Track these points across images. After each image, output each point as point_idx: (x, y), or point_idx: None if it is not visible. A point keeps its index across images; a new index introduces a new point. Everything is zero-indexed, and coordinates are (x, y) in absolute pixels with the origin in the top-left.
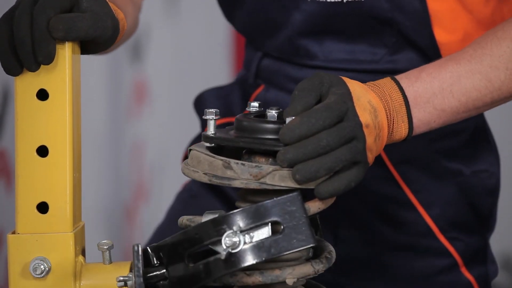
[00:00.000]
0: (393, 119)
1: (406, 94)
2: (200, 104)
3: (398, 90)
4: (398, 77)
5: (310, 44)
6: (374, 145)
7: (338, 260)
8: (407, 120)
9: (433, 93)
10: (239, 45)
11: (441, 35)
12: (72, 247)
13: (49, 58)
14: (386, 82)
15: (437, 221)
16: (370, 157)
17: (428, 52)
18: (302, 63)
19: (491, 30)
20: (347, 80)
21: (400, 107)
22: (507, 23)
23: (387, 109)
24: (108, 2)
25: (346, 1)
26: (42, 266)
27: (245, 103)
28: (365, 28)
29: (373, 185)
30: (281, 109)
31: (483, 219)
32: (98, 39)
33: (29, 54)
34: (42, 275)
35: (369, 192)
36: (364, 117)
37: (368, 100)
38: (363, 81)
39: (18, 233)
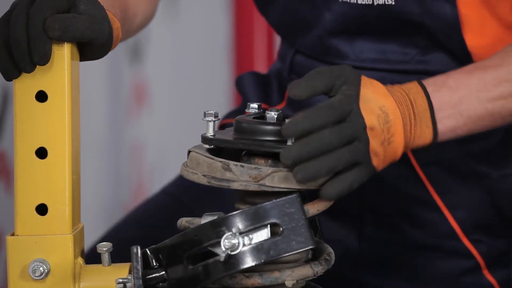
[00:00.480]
0: (416, 123)
1: (432, 99)
2: (241, 85)
3: (423, 95)
4: (425, 82)
5: (341, 44)
6: (381, 149)
7: (361, 257)
8: (431, 125)
9: (459, 99)
10: (239, 46)
11: (471, 39)
12: (71, 249)
13: (44, 58)
14: (412, 87)
15: (461, 223)
16: (376, 161)
17: (458, 54)
18: (333, 62)
19: None
20: (367, 83)
21: (424, 112)
22: None
23: (407, 114)
24: (106, 10)
25: (377, 4)
26: (41, 268)
27: (282, 95)
28: (395, 29)
29: (399, 185)
30: (280, 111)
31: (509, 222)
32: (95, 41)
33: (24, 54)
34: (41, 277)
35: (395, 192)
36: (370, 120)
37: (380, 105)
38: (394, 81)
39: (17, 235)
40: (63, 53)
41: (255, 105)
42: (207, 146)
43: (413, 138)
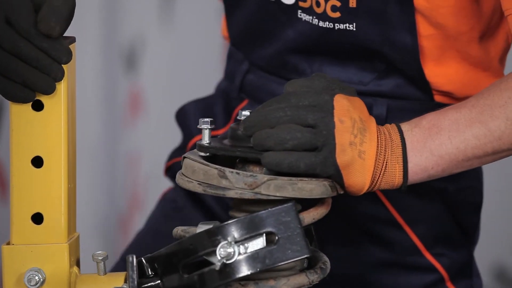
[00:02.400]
0: (387, 157)
1: (405, 137)
2: (182, 117)
3: (397, 132)
4: (401, 123)
5: (299, 61)
6: (350, 150)
7: (330, 274)
8: (402, 162)
9: (430, 139)
10: None
11: (430, 69)
12: (66, 258)
13: (69, 55)
14: (388, 125)
15: (422, 238)
16: (343, 159)
17: (416, 81)
18: (289, 77)
19: (496, 82)
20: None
21: (396, 148)
22: (511, 76)
23: (383, 144)
24: None
25: (338, 28)
26: (36, 277)
27: (228, 116)
28: (354, 54)
29: (359, 206)
30: None
31: (468, 234)
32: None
33: (53, 64)
34: (37, 286)
35: (355, 212)
36: (342, 114)
37: (360, 116)
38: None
39: (13, 244)
40: None
41: (247, 112)
42: (202, 153)
43: (383, 172)
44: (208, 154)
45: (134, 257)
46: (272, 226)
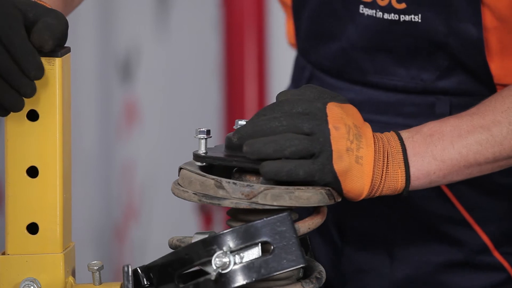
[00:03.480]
0: (388, 162)
1: (405, 143)
2: None
3: (397, 139)
4: (400, 131)
5: (362, 60)
6: (347, 156)
7: (394, 279)
8: (403, 167)
9: (432, 143)
10: (230, 65)
11: (494, 62)
12: (62, 268)
13: (40, 70)
14: (386, 133)
15: (492, 236)
16: (340, 165)
17: (480, 76)
18: (352, 78)
19: (497, 92)
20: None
21: (397, 154)
22: None
23: (381, 150)
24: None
25: (403, 20)
26: (32, 287)
27: None
28: (418, 49)
29: (427, 205)
30: None
31: None
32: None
33: (21, 76)
34: None
35: (424, 211)
36: (336, 121)
37: (354, 123)
38: (413, 102)
39: (8, 254)
40: (54, 72)
41: (243, 122)
42: (198, 163)
43: (384, 177)
44: (204, 163)
45: (130, 266)
46: (267, 235)
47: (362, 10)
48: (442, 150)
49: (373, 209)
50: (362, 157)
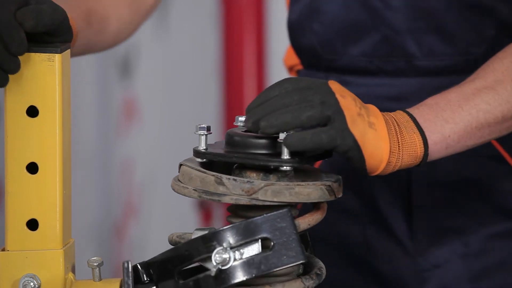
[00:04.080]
0: (400, 130)
1: (412, 113)
2: None
3: (403, 112)
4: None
5: (409, 44)
6: (360, 121)
7: (472, 264)
8: (418, 132)
9: (440, 109)
10: (229, 61)
11: None
12: (62, 264)
13: (22, 45)
14: (387, 112)
15: None
16: (356, 131)
17: None
18: (397, 69)
19: (494, 56)
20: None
21: (407, 122)
22: (508, 47)
23: (390, 120)
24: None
25: None
26: (32, 283)
27: None
28: (463, 22)
29: (496, 183)
30: None
31: None
32: (59, 30)
33: (4, 53)
34: None
35: (493, 190)
36: (340, 90)
37: (356, 97)
38: (460, 80)
39: (8, 250)
40: (54, 68)
41: (243, 118)
42: (199, 159)
43: (401, 142)
44: (205, 160)
45: (130, 263)
46: (267, 232)
47: None
48: (452, 113)
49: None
50: (374, 123)
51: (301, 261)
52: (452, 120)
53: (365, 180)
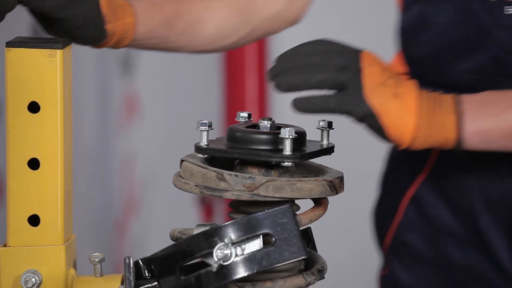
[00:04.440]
0: (435, 106)
1: (460, 98)
2: None
3: (452, 95)
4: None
5: None
6: (381, 90)
7: None
8: (455, 115)
9: (490, 104)
10: (230, 57)
11: None
12: (63, 260)
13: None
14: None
15: None
16: (374, 100)
17: None
18: (506, 87)
19: None
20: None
21: (447, 104)
22: None
23: (427, 96)
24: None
25: None
26: (33, 279)
27: None
28: None
29: None
30: (273, 120)
31: None
32: (72, 23)
33: None
34: None
35: None
36: (368, 59)
37: (389, 68)
38: None
39: (9, 246)
40: (55, 64)
41: (245, 114)
42: (200, 155)
43: (431, 122)
44: (206, 155)
45: (131, 258)
46: (269, 227)
47: (508, 10)
48: (499, 110)
49: None
50: (401, 95)
51: (303, 257)
52: (496, 116)
53: (466, 198)
